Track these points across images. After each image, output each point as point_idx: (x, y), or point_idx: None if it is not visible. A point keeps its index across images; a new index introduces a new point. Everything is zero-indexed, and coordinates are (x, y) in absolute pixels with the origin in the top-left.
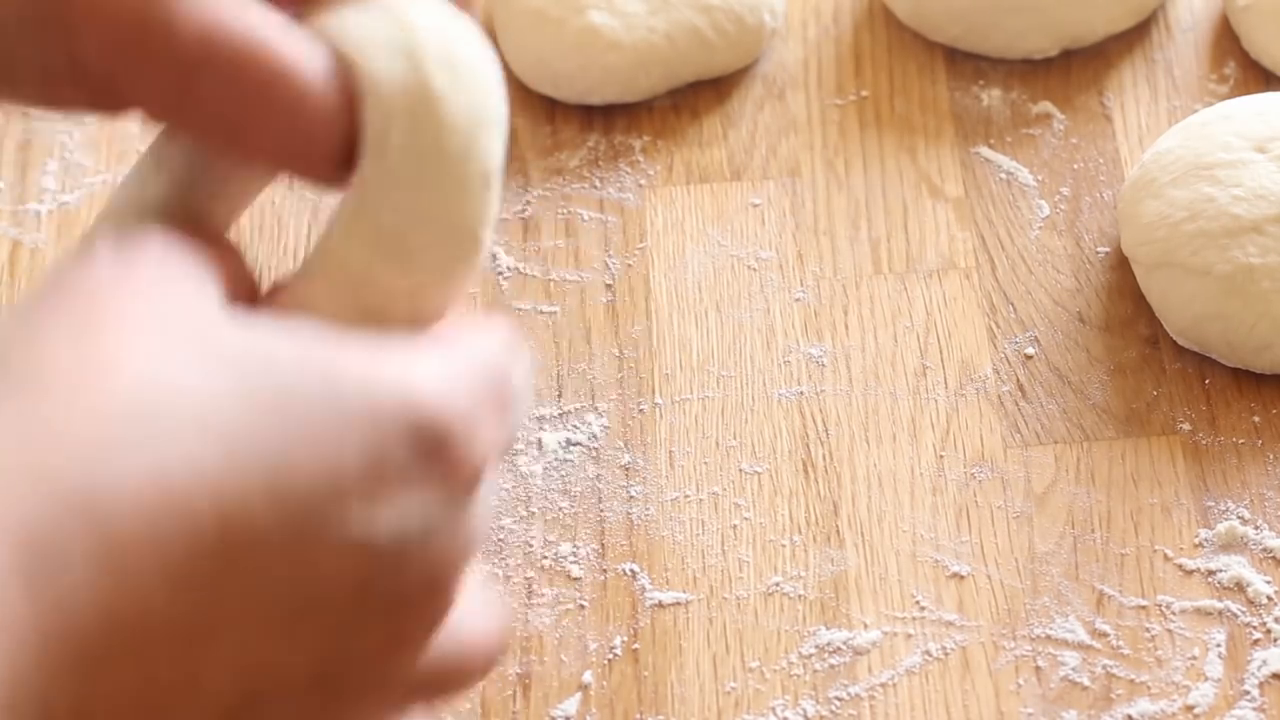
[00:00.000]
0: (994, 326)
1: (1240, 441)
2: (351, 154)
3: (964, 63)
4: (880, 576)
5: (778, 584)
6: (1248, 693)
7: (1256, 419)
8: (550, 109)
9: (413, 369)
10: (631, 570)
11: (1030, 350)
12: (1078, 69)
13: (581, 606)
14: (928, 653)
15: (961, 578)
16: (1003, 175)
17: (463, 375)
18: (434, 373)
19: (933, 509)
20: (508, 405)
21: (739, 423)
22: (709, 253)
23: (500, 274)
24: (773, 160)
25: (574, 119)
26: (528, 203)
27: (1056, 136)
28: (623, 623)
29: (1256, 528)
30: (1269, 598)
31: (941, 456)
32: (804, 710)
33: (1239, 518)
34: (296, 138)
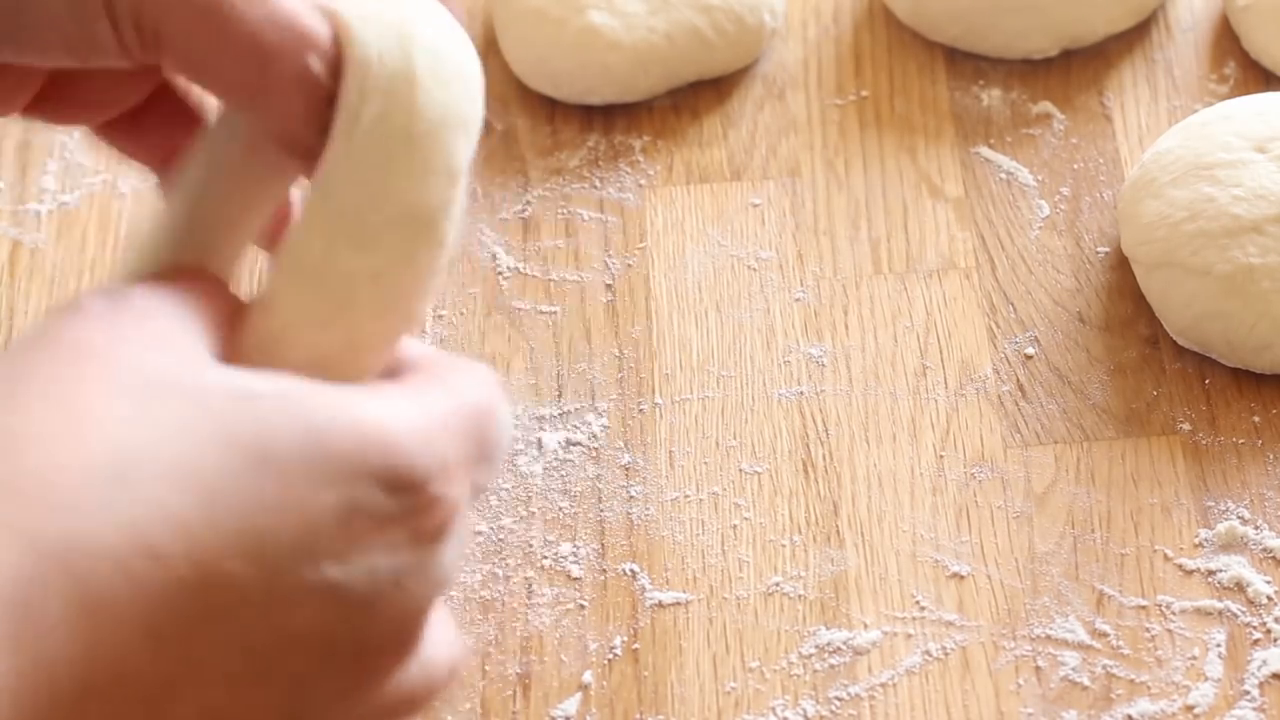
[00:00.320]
0: (994, 326)
1: (1240, 441)
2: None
3: (964, 63)
4: (880, 576)
5: (778, 584)
6: (1248, 693)
7: (1256, 419)
8: (550, 109)
9: (391, 413)
10: (631, 570)
11: (1030, 350)
12: (1078, 69)
13: (581, 606)
14: (928, 653)
15: (961, 578)
16: (1003, 175)
17: (441, 419)
18: (412, 416)
19: (933, 509)
20: (487, 449)
21: (739, 423)
22: (709, 253)
23: (500, 274)
24: (773, 160)
25: (574, 119)
26: (528, 203)
27: (1056, 136)
28: (623, 623)
29: (1256, 528)
30: (1269, 598)
31: (941, 456)
32: (804, 710)
33: (1239, 518)
34: (303, 88)
